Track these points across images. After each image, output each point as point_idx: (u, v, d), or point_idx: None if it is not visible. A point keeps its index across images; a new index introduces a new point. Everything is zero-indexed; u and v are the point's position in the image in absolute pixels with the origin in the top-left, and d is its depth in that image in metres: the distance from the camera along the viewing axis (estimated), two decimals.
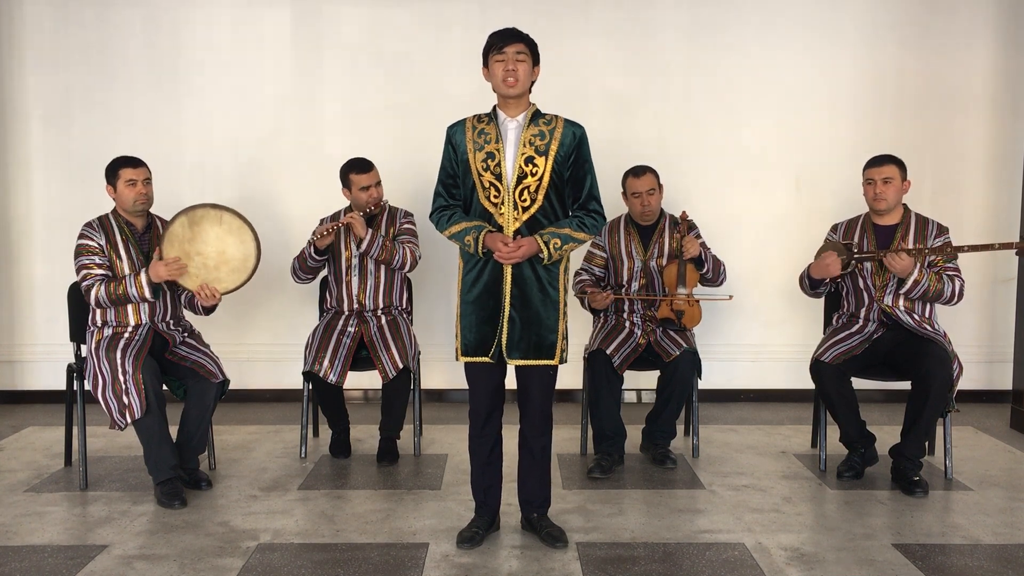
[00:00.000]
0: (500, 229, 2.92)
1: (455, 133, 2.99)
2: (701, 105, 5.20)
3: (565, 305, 3.02)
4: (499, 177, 2.91)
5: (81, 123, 5.17)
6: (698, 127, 5.20)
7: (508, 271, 2.93)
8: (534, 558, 2.94)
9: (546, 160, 2.92)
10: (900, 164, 3.77)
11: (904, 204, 3.83)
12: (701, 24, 5.17)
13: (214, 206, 3.58)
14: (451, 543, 3.06)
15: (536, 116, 2.96)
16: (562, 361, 3.02)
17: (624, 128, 5.16)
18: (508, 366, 3.02)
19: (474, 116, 3.01)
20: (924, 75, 5.19)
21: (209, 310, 3.70)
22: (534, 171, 2.91)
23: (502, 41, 2.89)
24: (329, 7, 5.15)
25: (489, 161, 2.92)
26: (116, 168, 3.62)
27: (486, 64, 2.93)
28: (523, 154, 2.91)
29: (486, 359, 2.97)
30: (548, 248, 2.89)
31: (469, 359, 3.00)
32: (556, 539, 3.02)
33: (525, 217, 2.92)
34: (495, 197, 2.93)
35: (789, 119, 5.20)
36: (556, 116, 2.98)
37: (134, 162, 3.63)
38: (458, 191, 3.00)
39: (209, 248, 3.55)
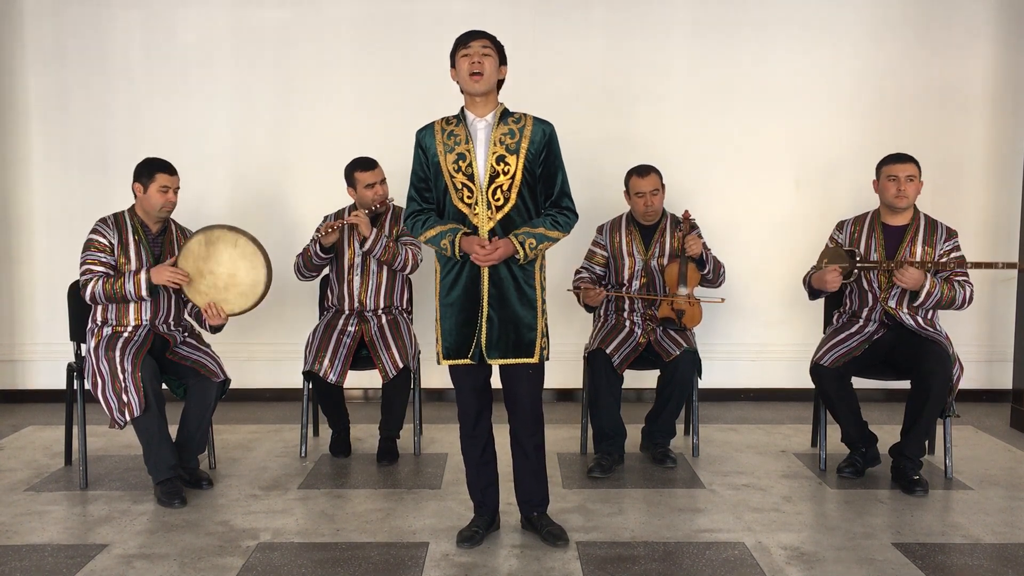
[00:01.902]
0: (475, 229, 2.92)
1: (424, 137, 2.99)
2: (701, 105, 5.20)
3: (544, 303, 3.02)
4: (471, 177, 2.92)
5: (81, 123, 5.17)
6: (698, 127, 5.19)
7: (485, 272, 2.93)
8: (534, 557, 2.94)
9: (517, 158, 2.92)
10: (918, 164, 3.75)
11: (914, 205, 3.82)
12: (701, 24, 5.17)
13: (232, 229, 3.59)
14: (451, 542, 3.06)
15: (505, 115, 2.97)
16: (544, 359, 3.02)
17: (624, 128, 5.16)
18: (493, 366, 3.02)
19: (442, 119, 3.02)
20: (924, 75, 5.19)
21: (216, 329, 3.70)
22: (506, 169, 2.92)
23: (467, 38, 2.91)
24: (329, 6, 5.15)
25: (460, 162, 2.92)
26: (153, 171, 3.58)
27: (453, 65, 2.95)
28: (494, 153, 2.92)
29: (467, 361, 2.98)
30: (524, 248, 2.89)
31: (451, 362, 3.01)
32: (557, 538, 3.02)
33: (499, 216, 2.92)
34: (468, 198, 2.93)
35: (789, 119, 5.19)
36: (525, 115, 2.99)
37: (171, 168, 3.62)
38: (430, 194, 3.00)
39: (221, 269, 3.57)
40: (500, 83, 2.98)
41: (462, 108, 2.99)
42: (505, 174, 2.92)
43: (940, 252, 3.71)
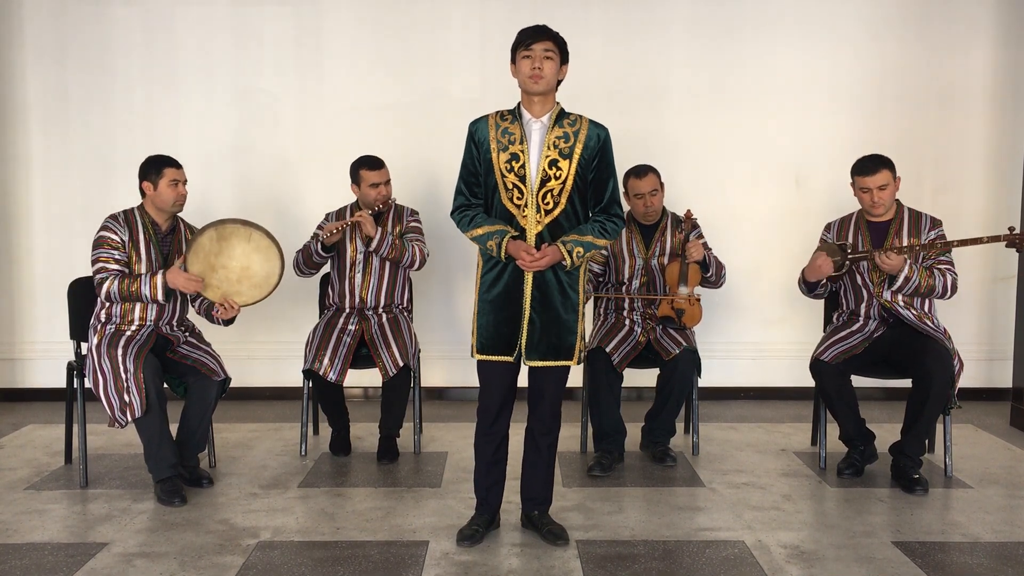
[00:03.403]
0: (522, 231, 2.91)
1: (477, 130, 2.96)
2: (701, 103, 5.20)
3: (583, 306, 3.02)
4: (523, 179, 2.90)
5: (81, 122, 5.17)
6: (698, 124, 5.19)
7: (529, 275, 2.92)
8: (534, 556, 2.94)
9: (570, 163, 2.91)
10: (891, 165, 3.71)
11: (896, 199, 3.81)
12: (701, 22, 5.17)
13: (245, 223, 3.57)
14: (451, 541, 3.06)
15: (561, 116, 2.94)
16: (579, 362, 3.02)
17: (623, 126, 5.09)
18: (521, 365, 3.01)
19: (496, 113, 2.99)
20: (924, 71, 5.19)
21: (227, 322, 3.69)
22: (558, 174, 2.90)
23: (530, 38, 2.88)
24: (329, 5, 5.15)
25: (513, 163, 2.90)
26: (160, 166, 3.58)
27: (514, 61, 2.92)
28: (547, 156, 2.90)
29: (506, 358, 2.96)
30: (571, 256, 2.89)
31: (485, 357, 2.99)
32: (558, 537, 3.02)
33: (548, 220, 2.91)
34: (518, 199, 2.91)
35: (789, 116, 5.20)
36: (580, 116, 2.97)
37: (176, 162, 3.62)
38: (479, 189, 2.98)
39: (234, 263, 3.55)
40: (559, 81, 2.95)
41: (518, 104, 2.97)
42: (557, 179, 2.90)
43: (927, 241, 3.72)
